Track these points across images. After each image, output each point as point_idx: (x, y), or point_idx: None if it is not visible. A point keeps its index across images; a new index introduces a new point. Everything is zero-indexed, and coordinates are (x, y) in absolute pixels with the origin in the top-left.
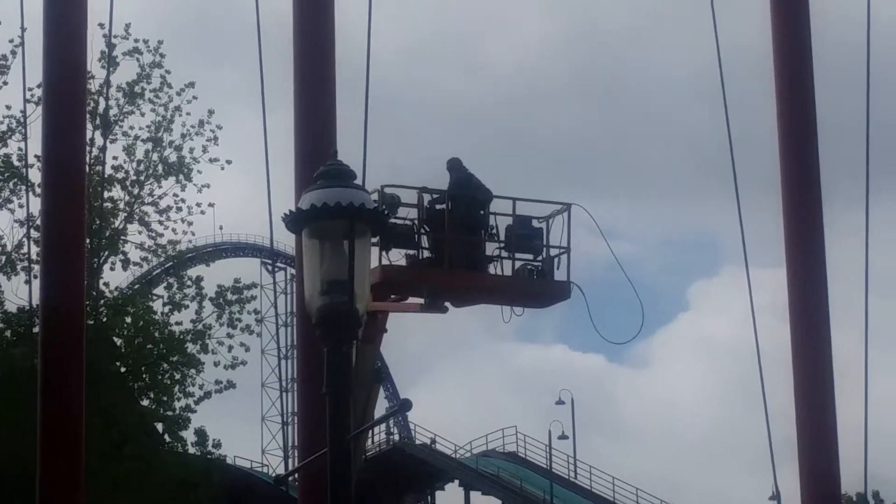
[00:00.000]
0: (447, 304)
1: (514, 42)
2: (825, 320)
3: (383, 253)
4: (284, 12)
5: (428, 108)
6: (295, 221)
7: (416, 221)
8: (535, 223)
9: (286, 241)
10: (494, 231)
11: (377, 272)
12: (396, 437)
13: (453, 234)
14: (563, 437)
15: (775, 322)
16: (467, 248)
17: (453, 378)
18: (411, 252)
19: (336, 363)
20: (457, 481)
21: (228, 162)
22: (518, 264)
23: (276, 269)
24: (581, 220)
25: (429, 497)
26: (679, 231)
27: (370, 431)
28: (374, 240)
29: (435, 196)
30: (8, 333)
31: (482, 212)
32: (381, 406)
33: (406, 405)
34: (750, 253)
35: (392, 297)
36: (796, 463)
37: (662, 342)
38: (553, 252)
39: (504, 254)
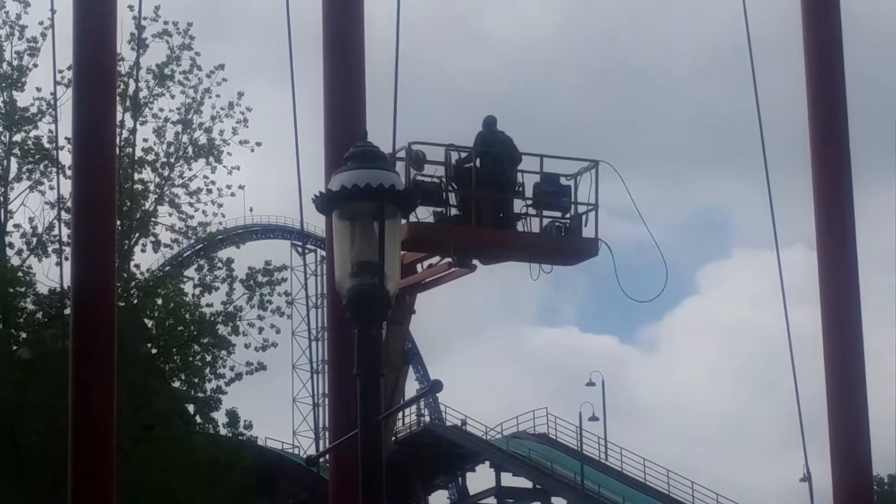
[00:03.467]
0: (475, 261)
1: (519, 15)
2: (856, 299)
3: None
4: None
5: (436, 83)
6: (325, 203)
7: (443, 179)
8: (562, 180)
9: (316, 222)
10: (522, 188)
11: (405, 229)
12: (427, 419)
13: (481, 191)
14: (593, 418)
15: (789, 303)
16: (495, 205)
17: (467, 360)
18: (439, 209)
19: (366, 344)
20: (487, 462)
21: (258, 144)
22: (546, 221)
23: (307, 251)
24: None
25: (459, 478)
26: (689, 211)
27: (400, 413)
28: None
29: (462, 153)
30: (39, 315)
31: (509, 169)
32: (410, 388)
33: (436, 386)
34: (761, 234)
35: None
36: (822, 444)
37: (673, 324)
38: (581, 209)
39: (532, 211)
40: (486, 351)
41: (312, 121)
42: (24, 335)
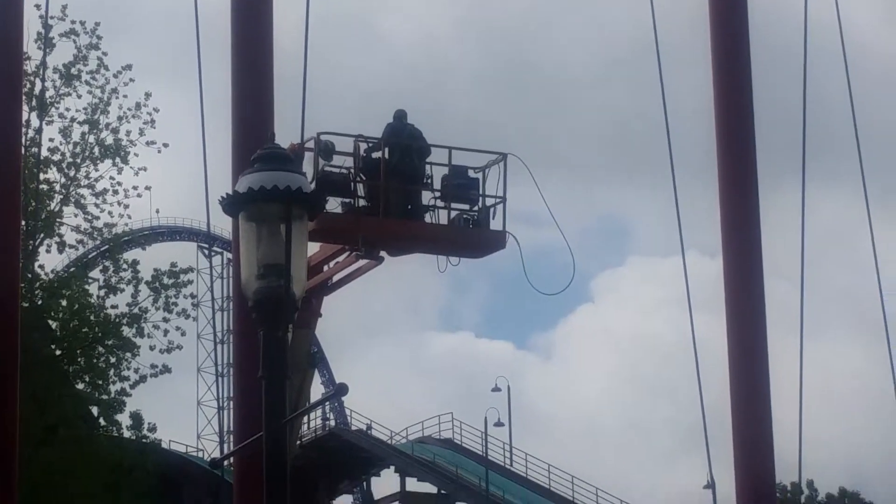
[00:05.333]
0: (383, 253)
1: (416, 16)
2: (760, 306)
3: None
4: None
5: (333, 84)
6: (232, 204)
7: (351, 169)
8: (471, 173)
9: (223, 225)
10: (430, 180)
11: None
12: (332, 423)
13: (389, 182)
14: (498, 424)
15: (679, 312)
16: (403, 196)
17: (367, 363)
18: (347, 200)
19: (272, 347)
20: (392, 467)
21: (165, 145)
22: (454, 214)
23: (213, 254)
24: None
25: (364, 483)
26: (587, 217)
27: (306, 417)
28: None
29: (370, 144)
30: None
31: (418, 161)
32: (316, 391)
33: (342, 389)
34: (656, 241)
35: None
36: (724, 451)
37: (567, 331)
38: (489, 202)
39: (440, 203)
40: (384, 355)
41: (220, 122)
42: None
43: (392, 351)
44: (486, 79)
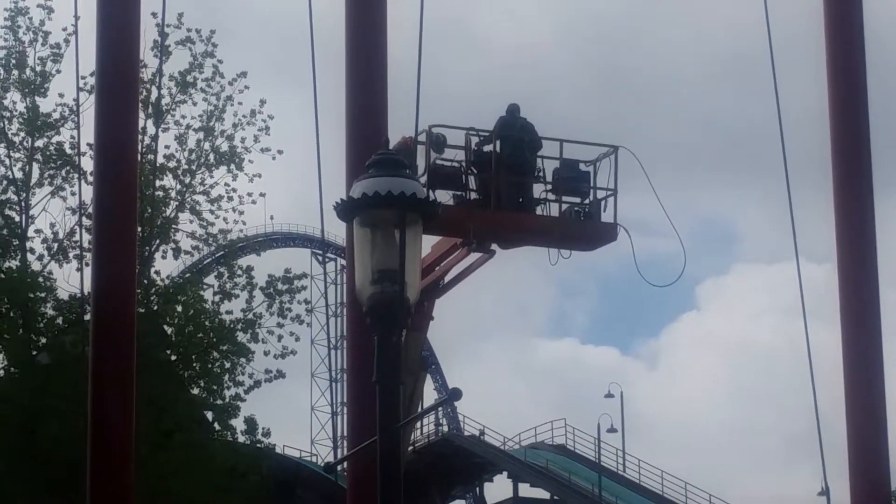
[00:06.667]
0: (494, 246)
1: (518, 18)
2: (876, 313)
3: (431, 192)
4: (335, 4)
5: (439, 87)
6: (346, 210)
7: (463, 162)
8: (581, 166)
9: (337, 231)
10: (541, 174)
11: None
12: (445, 428)
13: (500, 174)
14: (611, 430)
15: (784, 319)
16: (514, 189)
17: (475, 369)
18: (459, 193)
19: (386, 352)
20: (505, 473)
21: (280, 152)
22: (565, 207)
23: (327, 260)
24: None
25: (477, 489)
26: (693, 222)
27: (419, 422)
28: (422, 179)
29: (482, 137)
30: (59, 320)
31: (529, 154)
32: (428, 396)
33: (456, 394)
34: (761, 247)
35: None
36: (837, 458)
37: (672, 340)
38: (600, 195)
39: (551, 196)
40: (492, 360)
41: (333, 127)
42: (43, 340)
43: (500, 355)
44: (589, 81)
